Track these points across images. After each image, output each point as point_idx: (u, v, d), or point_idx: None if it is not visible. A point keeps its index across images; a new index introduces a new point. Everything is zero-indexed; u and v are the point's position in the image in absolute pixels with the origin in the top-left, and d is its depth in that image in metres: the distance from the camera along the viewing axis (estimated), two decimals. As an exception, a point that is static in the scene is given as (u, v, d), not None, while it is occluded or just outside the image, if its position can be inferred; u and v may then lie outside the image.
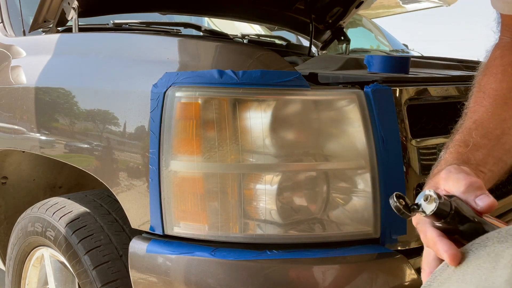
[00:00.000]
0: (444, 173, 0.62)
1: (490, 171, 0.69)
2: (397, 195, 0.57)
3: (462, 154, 0.69)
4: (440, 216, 0.56)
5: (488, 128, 0.72)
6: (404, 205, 0.57)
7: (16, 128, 1.43)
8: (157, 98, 1.02)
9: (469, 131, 0.73)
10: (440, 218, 0.56)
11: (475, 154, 0.69)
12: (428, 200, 0.56)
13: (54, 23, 1.58)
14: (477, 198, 0.57)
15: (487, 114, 0.74)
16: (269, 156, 0.99)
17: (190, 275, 0.99)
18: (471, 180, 0.59)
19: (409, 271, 1.01)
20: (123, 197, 1.12)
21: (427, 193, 0.56)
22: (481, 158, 0.69)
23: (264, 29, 3.08)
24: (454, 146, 0.71)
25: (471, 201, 0.58)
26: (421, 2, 7.09)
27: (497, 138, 0.72)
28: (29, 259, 1.47)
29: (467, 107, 0.79)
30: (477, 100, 0.78)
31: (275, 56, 1.05)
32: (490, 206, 0.57)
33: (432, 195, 0.55)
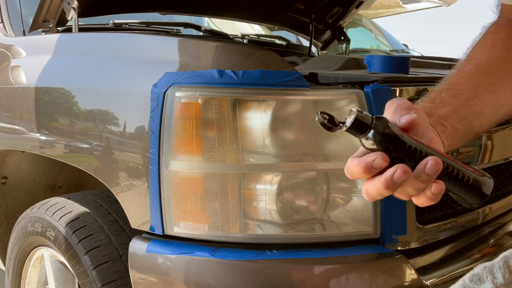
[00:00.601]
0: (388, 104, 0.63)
1: (452, 126, 0.69)
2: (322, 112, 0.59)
3: (425, 108, 0.70)
4: (361, 129, 0.57)
5: (460, 90, 0.74)
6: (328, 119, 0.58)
7: (16, 128, 1.43)
8: (157, 98, 1.02)
9: (441, 90, 0.74)
10: (361, 132, 0.57)
11: (439, 109, 0.70)
12: (349, 114, 0.58)
13: (54, 23, 1.58)
14: (402, 117, 0.59)
15: (463, 78, 0.76)
16: (269, 156, 0.99)
17: (190, 275, 0.99)
18: (400, 102, 0.61)
19: (409, 271, 1.01)
20: (123, 197, 1.12)
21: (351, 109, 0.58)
22: (444, 113, 0.70)
23: (264, 29, 3.08)
24: (422, 101, 0.72)
25: (396, 120, 0.59)
26: (421, 2, 7.09)
27: (466, 99, 0.73)
28: (29, 259, 1.47)
29: (448, 73, 0.80)
30: (459, 67, 0.79)
31: (275, 56, 1.05)
32: (410, 121, 0.58)
33: (353, 109, 0.57)
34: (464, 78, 0.76)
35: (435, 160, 0.56)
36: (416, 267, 1.03)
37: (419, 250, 1.07)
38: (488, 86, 0.75)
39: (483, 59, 0.78)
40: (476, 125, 0.73)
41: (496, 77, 0.76)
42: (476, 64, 0.78)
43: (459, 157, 1.21)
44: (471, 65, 0.78)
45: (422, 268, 1.04)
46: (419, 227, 1.07)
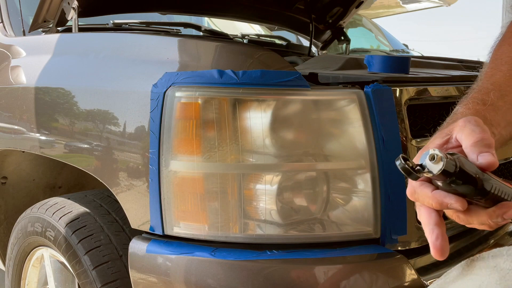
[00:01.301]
0: (463, 121, 0.61)
1: (499, 134, 0.69)
2: (403, 157, 0.56)
3: (479, 112, 0.68)
4: (447, 175, 0.55)
5: (505, 91, 0.72)
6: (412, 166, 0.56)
7: (16, 128, 1.43)
8: (157, 98, 1.02)
9: (487, 91, 0.72)
10: (447, 177, 0.55)
11: (491, 114, 0.69)
12: (434, 159, 0.54)
13: (54, 23, 1.58)
14: (480, 154, 0.57)
15: (505, 78, 0.75)
16: (269, 156, 0.99)
17: (190, 275, 0.99)
18: (483, 136, 0.58)
19: (409, 272, 1.01)
20: (123, 197, 1.12)
21: (432, 153, 0.54)
22: (496, 119, 0.69)
23: (264, 29, 3.08)
24: (472, 102, 0.70)
25: (474, 155, 0.57)
26: (421, 2, 7.10)
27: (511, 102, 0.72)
28: (29, 259, 1.47)
29: (481, 73, 0.79)
30: (494, 66, 0.78)
31: (275, 56, 1.05)
32: (489, 163, 0.56)
33: (438, 153, 0.54)
34: (506, 78, 0.75)
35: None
36: (416, 267, 1.03)
37: (419, 250, 1.07)
38: None
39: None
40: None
41: None
42: (511, 63, 0.77)
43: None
44: (507, 65, 0.77)
45: (422, 268, 1.04)
46: (419, 227, 1.07)
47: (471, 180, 0.56)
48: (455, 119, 0.67)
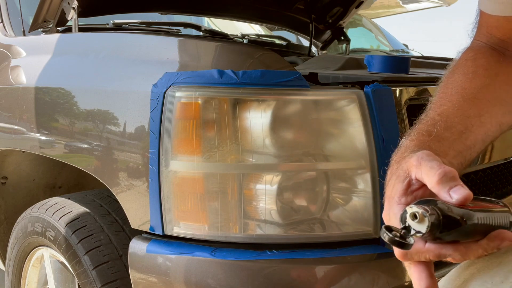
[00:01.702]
0: (415, 159, 0.60)
1: (449, 162, 0.67)
2: (386, 227, 0.54)
3: (424, 143, 0.68)
4: (435, 228, 0.52)
5: (452, 122, 0.72)
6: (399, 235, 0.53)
7: (16, 128, 1.43)
8: (157, 98, 1.02)
9: (433, 121, 0.72)
10: (436, 231, 0.53)
11: (436, 144, 0.68)
12: (417, 218, 0.52)
13: (54, 23, 1.58)
14: (451, 190, 0.55)
15: (453, 108, 0.74)
16: (269, 156, 0.99)
17: (190, 275, 0.99)
18: (445, 170, 0.56)
19: (409, 271, 1.01)
20: (123, 197, 1.12)
21: (411, 211, 0.52)
22: (442, 149, 0.68)
23: (264, 29, 3.08)
24: (416, 134, 0.70)
25: (445, 193, 0.55)
26: (421, 2, 7.10)
27: (459, 133, 0.71)
28: (29, 259, 1.47)
29: (431, 102, 0.79)
30: (444, 96, 0.78)
31: (275, 56, 1.05)
32: (465, 198, 0.54)
33: (418, 210, 0.52)
34: (454, 109, 0.74)
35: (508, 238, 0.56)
36: (416, 267, 1.03)
37: (419, 250, 1.07)
38: (477, 117, 0.74)
39: (468, 88, 0.77)
40: (467, 159, 0.71)
41: (483, 108, 0.75)
42: (462, 94, 0.76)
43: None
44: (457, 95, 0.76)
45: (422, 268, 1.04)
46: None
47: (457, 224, 0.53)
48: (400, 154, 0.66)
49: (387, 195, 0.63)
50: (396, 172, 0.63)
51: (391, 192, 0.61)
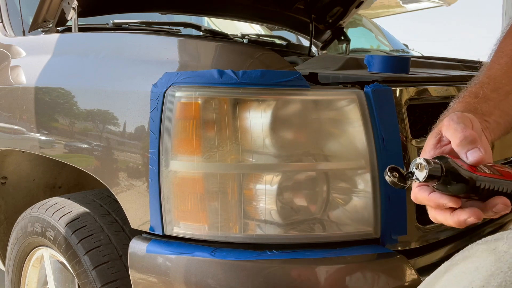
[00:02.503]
0: (446, 120, 0.65)
1: (495, 122, 0.72)
2: (390, 168, 0.61)
3: (470, 104, 0.72)
4: (435, 178, 0.59)
5: (500, 83, 0.75)
6: (398, 177, 0.61)
7: (16, 128, 1.43)
8: (157, 98, 1.02)
9: (481, 84, 0.75)
10: (436, 180, 0.60)
11: (482, 105, 0.72)
12: (419, 168, 0.59)
13: (53, 23, 1.58)
14: (468, 152, 0.62)
15: (501, 71, 0.77)
16: (269, 156, 0.99)
17: (190, 275, 0.99)
18: (466, 134, 0.62)
19: (409, 272, 1.01)
20: (123, 197, 1.12)
21: (417, 162, 0.60)
22: (487, 109, 0.72)
23: (264, 29, 3.08)
24: (463, 96, 0.74)
25: (463, 154, 0.62)
26: (421, 2, 7.10)
27: (506, 93, 0.75)
28: (29, 259, 1.47)
29: (484, 66, 0.82)
30: (495, 59, 0.81)
31: (275, 56, 1.05)
32: (478, 160, 0.61)
33: (422, 162, 0.59)
34: (502, 71, 0.77)
35: (504, 203, 0.61)
36: (417, 267, 1.03)
37: (419, 250, 1.07)
38: None
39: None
40: None
41: None
42: (511, 57, 0.79)
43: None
44: (506, 57, 0.79)
45: (422, 268, 1.04)
46: (419, 227, 1.07)
47: (461, 180, 0.60)
48: (446, 114, 0.71)
49: (424, 146, 0.69)
50: (434, 127, 0.69)
51: (425, 145, 0.68)
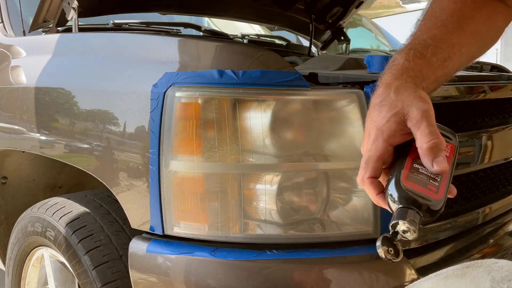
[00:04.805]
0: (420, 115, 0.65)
1: (426, 87, 0.72)
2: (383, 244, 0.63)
3: (418, 65, 0.73)
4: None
5: (440, 48, 0.76)
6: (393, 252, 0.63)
7: (16, 128, 1.43)
8: (157, 98, 1.02)
9: (426, 44, 0.76)
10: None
11: (425, 68, 0.73)
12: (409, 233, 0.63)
13: (54, 23, 1.58)
14: (435, 160, 0.64)
15: (442, 34, 0.78)
16: (269, 156, 0.99)
17: (190, 275, 0.99)
18: (437, 142, 0.64)
19: (409, 271, 1.01)
20: (123, 197, 1.12)
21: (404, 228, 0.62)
22: (427, 74, 0.73)
23: (264, 29, 3.08)
24: (413, 55, 0.74)
25: (428, 162, 0.64)
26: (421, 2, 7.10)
27: (443, 60, 0.76)
28: (29, 259, 1.47)
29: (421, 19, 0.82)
30: (434, 19, 0.81)
31: (275, 56, 1.05)
32: (443, 170, 0.64)
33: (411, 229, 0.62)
34: (443, 35, 0.78)
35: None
36: (416, 267, 1.03)
37: (419, 250, 1.07)
38: (459, 47, 0.78)
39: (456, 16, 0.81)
40: (439, 86, 0.77)
41: (465, 39, 0.79)
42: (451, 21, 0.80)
43: (459, 156, 1.21)
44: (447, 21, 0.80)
45: (422, 268, 1.04)
46: (419, 227, 1.07)
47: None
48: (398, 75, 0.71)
49: (376, 120, 0.68)
50: (394, 104, 0.68)
51: (382, 125, 0.67)
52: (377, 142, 0.67)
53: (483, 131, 1.27)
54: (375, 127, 0.68)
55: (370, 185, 0.67)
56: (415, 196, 0.62)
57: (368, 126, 0.69)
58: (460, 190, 1.22)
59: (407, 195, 0.62)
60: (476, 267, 0.52)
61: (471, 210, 1.23)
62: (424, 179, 0.64)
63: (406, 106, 0.66)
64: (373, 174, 0.66)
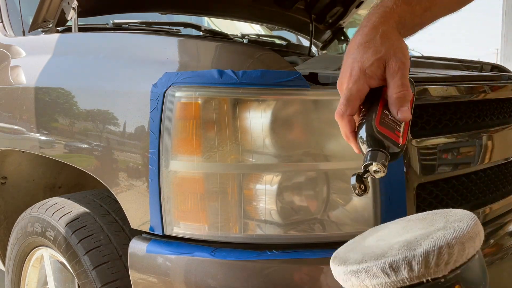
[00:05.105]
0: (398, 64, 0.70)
1: (402, 35, 0.76)
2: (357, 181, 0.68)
3: (403, 11, 0.76)
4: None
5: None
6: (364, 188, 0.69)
7: (15, 128, 1.43)
8: (157, 98, 1.02)
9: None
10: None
11: (408, 17, 0.76)
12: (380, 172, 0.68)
13: (53, 23, 1.58)
14: (400, 110, 0.70)
15: None
16: (269, 156, 0.99)
17: (190, 275, 0.99)
18: (406, 93, 0.70)
19: (409, 271, 1.00)
20: (123, 197, 1.12)
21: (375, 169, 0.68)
22: (408, 22, 0.76)
23: (264, 29, 3.08)
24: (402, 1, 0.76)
25: (394, 108, 0.70)
26: (421, 2, 7.07)
27: (424, 9, 0.78)
28: (29, 259, 1.47)
29: None
30: None
31: (275, 56, 1.05)
32: (405, 120, 0.70)
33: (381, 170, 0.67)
34: None
35: None
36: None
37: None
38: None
39: None
40: (412, 34, 0.80)
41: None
42: None
43: (459, 157, 1.21)
44: None
45: (422, 268, 1.04)
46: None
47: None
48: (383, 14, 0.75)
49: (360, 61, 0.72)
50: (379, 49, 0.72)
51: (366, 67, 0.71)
52: (359, 83, 0.71)
53: (483, 131, 1.27)
54: (359, 67, 0.71)
55: (348, 122, 0.72)
56: (385, 140, 0.68)
57: (349, 63, 0.73)
58: (460, 190, 1.22)
59: (379, 139, 0.68)
60: (435, 213, 0.61)
61: (471, 210, 1.22)
62: (392, 125, 0.70)
63: (388, 54, 0.71)
64: (352, 113, 0.72)
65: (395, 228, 0.60)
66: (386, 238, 0.56)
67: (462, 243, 0.50)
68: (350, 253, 0.56)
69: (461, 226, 0.51)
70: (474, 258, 0.52)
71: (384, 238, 0.56)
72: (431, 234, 0.51)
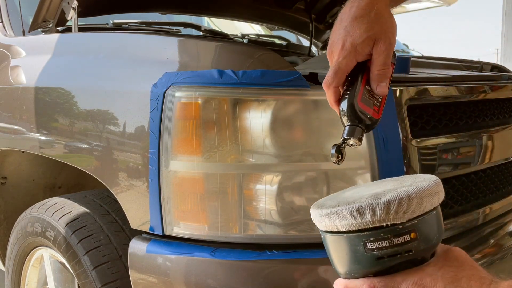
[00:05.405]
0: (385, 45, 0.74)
1: (392, 6, 0.80)
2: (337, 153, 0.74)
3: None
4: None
5: None
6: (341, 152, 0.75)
7: (15, 128, 1.43)
8: (157, 98, 1.02)
9: None
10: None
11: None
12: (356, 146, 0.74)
13: (53, 23, 1.58)
14: (379, 85, 0.75)
15: None
16: (269, 156, 0.99)
17: (190, 275, 0.99)
18: (386, 72, 0.75)
19: (409, 272, 1.00)
20: (123, 197, 1.12)
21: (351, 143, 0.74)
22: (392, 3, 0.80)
23: (264, 29, 3.08)
24: None
25: (374, 83, 0.75)
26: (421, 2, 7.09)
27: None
28: (29, 259, 1.47)
29: None
30: None
31: (275, 56, 1.05)
32: (383, 93, 0.75)
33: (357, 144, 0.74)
34: None
35: None
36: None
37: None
38: None
39: None
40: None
41: None
42: None
43: (459, 157, 1.21)
44: None
45: (422, 268, 1.04)
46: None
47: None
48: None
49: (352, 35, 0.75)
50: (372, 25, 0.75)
51: (357, 44, 0.74)
52: (348, 58, 0.75)
53: (483, 131, 1.27)
54: (351, 42, 0.75)
55: (334, 92, 0.76)
56: (364, 116, 0.74)
57: (342, 35, 0.76)
58: (460, 190, 1.22)
59: (359, 115, 0.73)
60: (406, 176, 0.68)
61: (471, 210, 1.22)
62: (371, 100, 0.75)
63: (379, 33, 0.75)
64: (338, 84, 0.76)
65: (372, 185, 0.67)
66: (361, 192, 0.63)
67: (421, 198, 0.57)
68: (327, 201, 0.64)
69: (423, 185, 0.59)
70: (432, 213, 0.59)
71: (359, 192, 0.64)
72: (397, 188, 0.59)
